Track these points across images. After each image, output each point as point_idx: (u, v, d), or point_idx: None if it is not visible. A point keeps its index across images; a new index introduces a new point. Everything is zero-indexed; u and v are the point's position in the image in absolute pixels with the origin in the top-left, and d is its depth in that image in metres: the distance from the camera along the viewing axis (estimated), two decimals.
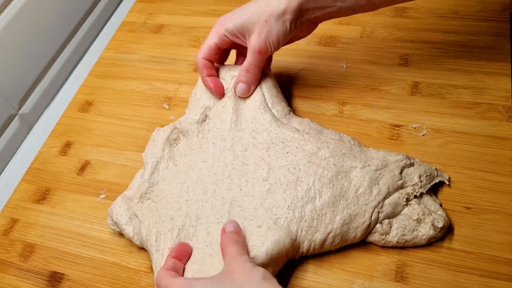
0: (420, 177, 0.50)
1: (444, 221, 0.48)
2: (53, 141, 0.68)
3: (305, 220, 0.48)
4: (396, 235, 0.48)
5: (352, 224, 0.48)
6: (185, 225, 0.50)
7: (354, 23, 0.72)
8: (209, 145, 0.55)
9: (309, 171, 0.50)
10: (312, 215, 0.48)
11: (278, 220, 0.48)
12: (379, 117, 0.60)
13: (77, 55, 0.83)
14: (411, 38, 0.68)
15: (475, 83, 0.61)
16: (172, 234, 0.50)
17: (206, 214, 0.51)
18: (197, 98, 0.60)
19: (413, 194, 0.49)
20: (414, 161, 0.52)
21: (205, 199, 0.52)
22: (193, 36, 0.77)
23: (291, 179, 0.50)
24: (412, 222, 0.48)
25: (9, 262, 0.56)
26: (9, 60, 0.69)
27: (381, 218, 0.48)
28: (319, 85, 0.65)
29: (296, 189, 0.49)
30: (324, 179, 0.49)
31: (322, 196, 0.49)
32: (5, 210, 0.61)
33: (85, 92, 0.74)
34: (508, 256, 0.47)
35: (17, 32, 0.70)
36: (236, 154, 0.53)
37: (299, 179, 0.50)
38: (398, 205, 0.49)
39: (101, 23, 0.88)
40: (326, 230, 0.48)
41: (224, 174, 0.53)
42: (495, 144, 0.55)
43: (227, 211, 0.50)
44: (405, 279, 0.47)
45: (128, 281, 0.52)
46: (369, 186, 0.49)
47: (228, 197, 0.51)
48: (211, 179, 0.53)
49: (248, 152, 0.53)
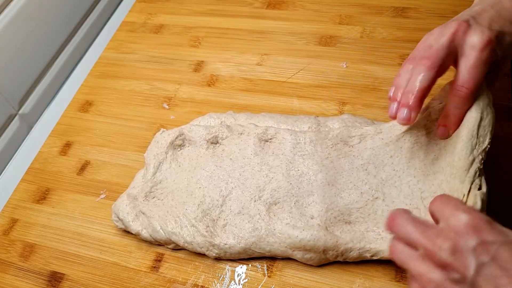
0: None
1: None
2: (53, 141, 0.68)
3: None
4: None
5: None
6: (205, 201, 0.52)
7: (354, 23, 0.72)
8: (224, 159, 0.55)
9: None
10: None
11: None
12: (379, 117, 0.60)
13: (77, 55, 0.83)
14: (411, 38, 0.68)
15: None
16: (193, 208, 0.52)
17: (236, 193, 0.52)
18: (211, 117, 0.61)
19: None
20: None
21: (231, 186, 0.53)
22: (193, 36, 0.77)
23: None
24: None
25: (9, 262, 0.56)
26: (9, 60, 0.69)
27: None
28: (319, 85, 0.66)
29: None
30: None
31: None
32: (5, 210, 0.61)
33: (85, 92, 0.74)
34: None
35: (17, 32, 0.70)
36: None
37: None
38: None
39: (101, 23, 0.88)
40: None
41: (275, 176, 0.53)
42: (495, 144, 0.55)
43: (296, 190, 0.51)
44: (405, 279, 0.47)
45: (128, 281, 0.52)
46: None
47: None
48: (236, 175, 0.54)
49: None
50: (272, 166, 0.53)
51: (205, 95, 0.68)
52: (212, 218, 0.51)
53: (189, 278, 0.51)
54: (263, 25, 0.75)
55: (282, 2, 0.78)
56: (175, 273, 0.52)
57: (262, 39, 0.73)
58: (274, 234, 0.49)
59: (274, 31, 0.74)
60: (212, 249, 0.51)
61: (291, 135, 0.54)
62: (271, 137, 0.55)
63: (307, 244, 0.48)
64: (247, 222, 0.51)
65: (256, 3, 0.79)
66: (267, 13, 0.77)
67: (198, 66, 0.73)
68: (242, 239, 0.50)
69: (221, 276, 0.51)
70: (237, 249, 0.50)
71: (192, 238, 0.51)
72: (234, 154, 0.55)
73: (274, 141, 0.55)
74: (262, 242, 0.49)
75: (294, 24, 0.74)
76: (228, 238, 0.50)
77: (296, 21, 0.75)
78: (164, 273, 0.52)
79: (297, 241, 0.48)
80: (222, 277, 0.51)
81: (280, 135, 0.55)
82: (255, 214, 0.51)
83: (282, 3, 0.78)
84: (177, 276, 0.52)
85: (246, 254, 0.51)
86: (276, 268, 0.50)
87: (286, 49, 0.71)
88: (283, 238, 0.49)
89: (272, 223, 0.50)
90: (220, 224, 0.51)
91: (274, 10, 0.77)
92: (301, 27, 0.74)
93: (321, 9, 0.75)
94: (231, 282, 0.50)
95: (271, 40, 0.73)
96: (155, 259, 0.54)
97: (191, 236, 0.51)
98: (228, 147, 0.56)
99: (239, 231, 0.50)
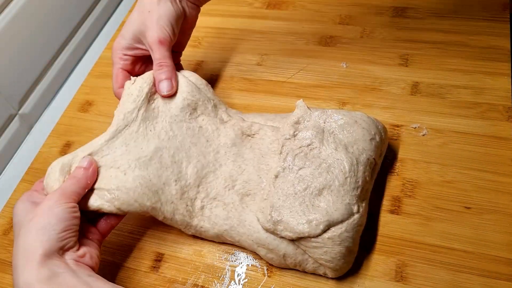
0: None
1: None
2: (53, 141, 0.68)
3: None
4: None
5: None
6: (183, 177, 0.51)
7: (354, 23, 0.72)
8: (200, 137, 0.54)
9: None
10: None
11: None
12: (379, 117, 0.60)
13: (77, 55, 0.83)
14: (411, 38, 0.68)
15: (475, 83, 0.61)
16: (172, 184, 0.51)
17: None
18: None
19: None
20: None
21: (207, 170, 0.53)
22: (193, 36, 0.77)
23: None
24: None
25: (9, 262, 0.56)
26: (9, 60, 0.69)
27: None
28: (319, 85, 0.66)
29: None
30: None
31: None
32: (5, 210, 0.61)
33: (85, 92, 0.74)
34: (508, 256, 0.47)
35: (17, 32, 0.70)
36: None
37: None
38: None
39: (101, 23, 0.88)
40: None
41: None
42: (495, 144, 0.55)
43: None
44: (405, 279, 0.47)
45: (128, 281, 0.52)
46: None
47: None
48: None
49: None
50: (246, 158, 0.54)
51: None
52: (190, 197, 0.52)
53: (189, 278, 0.51)
54: (263, 25, 0.75)
55: (282, 2, 0.78)
56: (175, 273, 0.52)
57: (262, 39, 0.73)
58: (244, 225, 0.50)
59: (274, 31, 0.74)
60: (189, 228, 0.52)
61: (272, 131, 0.54)
62: (254, 132, 0.55)
63: (271, 243, 0.48)
64: (222, 209, 0.51)
65: (256, 3, 0.79)
66: (267, 13, 0.77)
67: (198, 66, 0.72)
68: (216, 225, 0.51)
69: (221, 276, 0.51)
70: (211, 233, 0.51)
71: (172, 215, 0.51)
72: (211, 136, 0.54)
73: (256, 137, 0.55)
74: (233, 231, 0.50)
75: (294, 24, 0.74)
76: (204, 222, 0.51)
77: (296, 21, 0.75)
78: (164, 273, 0.52)
79: (264, 237, 0.48)
80: (222, 277, 0.51)
81: (262, 131, 0.55)
82: (230, 203, 0.51)
83: (282, 3, 0.78)
84: (177, 276, 0.52)
85: (219, 240, 0.52)
86: (276, 268, 0.50)
87: (286, 49, 0.71)
88: (252, 231, 0.49)
89: (244, 214, 0.50)
90: (197, 205, 0.52)
91: (274, 10, 0.77)
92: (301, 27, 0.74)
93: (321, 9, 0.75)
94: (231, 282, 0.50)
95: (271, 40, 0.73)
96: (155, 259, 0.54)
97: (170, 213, 0.51)
98: (205, 126, 0.55)
99: (215, 217, 0.51)
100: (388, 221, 0.51)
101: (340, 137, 0.50)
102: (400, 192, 0.53)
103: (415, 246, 0.49)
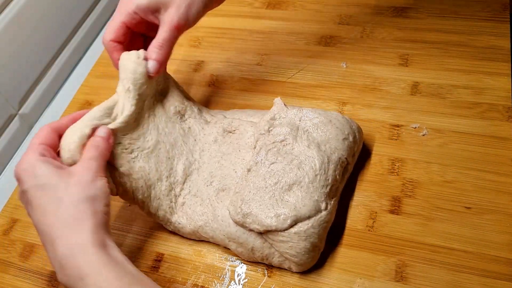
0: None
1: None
2: None
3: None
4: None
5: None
6: (172, 174, 0.53)
7: (354, 23, 0.72)
8: (189, 136, 0.56)
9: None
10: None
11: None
12: (379, 117, 0.60)
13: (77, 55, 0.83)
14: (411, 38, 0.68)
15: (475, 83, 0.61)
16: (163, 180, 0.52)
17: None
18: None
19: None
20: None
21: (192, 167, 0.54)
22: (193, 36, 0.77)
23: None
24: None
25: (9, 262, 0.56)
26: (9, 60, 0.69)
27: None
28: (319, 85, 0.66)
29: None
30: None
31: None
32: (5, 210, 0.61)
33: (85, 92, 0.74)
34: (508, 256, 0.47)
35: (17, 32, 0.70)
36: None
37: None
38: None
39: (101, 23, 0.88)
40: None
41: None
42: (495, 144, 0.55)
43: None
44: (405, 279, 0.47)
45: None
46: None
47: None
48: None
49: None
50: (225, 153, 0.54)
51: (205, 95, 0.68)
52: (176, 194, 0.53)
53: (189, 278, 0.51)
54: (263, 25, 0.75)
55: (282, 2, 0.78)
56: (175, 273, 0.52)
57: (262, 39, 0.73)
58: (217, 220, 0.50)
59: (274, 31, 0.74)
60: (169, 224, 0.53)
61: (251, 127, 0.55)
62: (234, 128, 0.56)
63: (241, 237, 0.48)
64: (199, 205, 0.52)
65: (256, 3, 0.79)
66: (267, 13, 0.77)
67: (198, 66, 0.73)
68: (192, 221, 0.51)
69: (221, 276, 0.51)
70: (187, 230, 0.52)
71: (156, 211, 0.52)
72: (198, 136, 0.56)
73: (236, 132, 0.56)
74: (207, 226, 0.51)
75: (294, 24, 0.74)
76: (182, 218, 0.52)
77: (296, 21, 0.75)
78: (164, 273, 0.52)
79: (234, 231, 0.49)
80: (222, 277, 0.51)
81: (242, 127, 0.55)
82: (206, 198, 0.52)
83: (282, 3, 0.78)
84: (177, 276, 0.52)
85: (195, 236, 0.53)
86: (276, 268, 0.50)
87: (286, 49, 0.71)
88: (224, 225, 0.49)
89: (218, 209, 0.51)
90: (180, 201, 0.53)
91: (274, 10, 0.77)
92: (301, 27, 0.74)
93: (321, 9, 0.75)
94: (231, 282, 0.50)
95: (271, 40, 0.73)
96: (155, 259, 0.54)
97: (155, 209, 0.52)
98: (193, 127, 0.56)
99: (192, 213, 0.52)
100: (388, 221, 0.51)
101: (314, 135, 0.51)
102: (400, 192, 0.53)
103: (415, 246, 0.49)
